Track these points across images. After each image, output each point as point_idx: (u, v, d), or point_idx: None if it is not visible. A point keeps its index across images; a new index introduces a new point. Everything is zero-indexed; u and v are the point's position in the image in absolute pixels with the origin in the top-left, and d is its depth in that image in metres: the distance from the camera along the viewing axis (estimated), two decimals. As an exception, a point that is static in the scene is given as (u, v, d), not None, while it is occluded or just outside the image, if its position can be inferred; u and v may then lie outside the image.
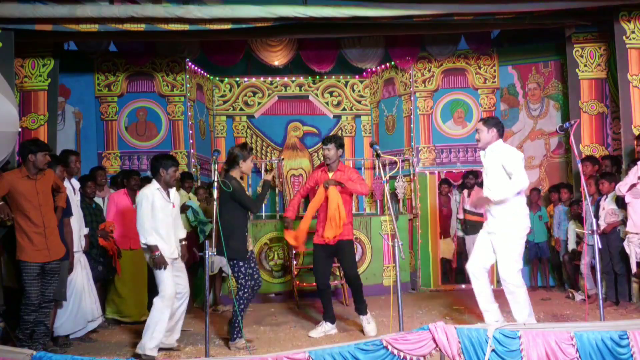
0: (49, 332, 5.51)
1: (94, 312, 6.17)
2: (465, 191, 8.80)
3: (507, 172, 5.33)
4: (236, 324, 5.46)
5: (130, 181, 7.00)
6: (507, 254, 5.38)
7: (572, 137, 5.38)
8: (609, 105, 8.06)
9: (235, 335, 5.49)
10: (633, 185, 6.43)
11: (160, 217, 5.34)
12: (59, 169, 5.72)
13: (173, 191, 5.54)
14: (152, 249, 5.27)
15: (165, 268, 5.30)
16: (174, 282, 5.40)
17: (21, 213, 5.22)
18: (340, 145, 6.09)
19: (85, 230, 6.22)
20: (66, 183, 5.89)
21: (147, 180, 6.21)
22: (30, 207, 5.22)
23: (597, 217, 6.83)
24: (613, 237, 6.83)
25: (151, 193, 5.35)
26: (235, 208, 5.52)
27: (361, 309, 6.10)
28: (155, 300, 5.34)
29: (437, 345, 3.56)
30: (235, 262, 5.51)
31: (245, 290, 5.53)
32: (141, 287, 6.94)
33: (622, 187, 6.56)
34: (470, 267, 5.62)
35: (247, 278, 5.54)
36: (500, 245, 5.41)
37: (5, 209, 5.19)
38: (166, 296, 5.30)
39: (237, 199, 5.48)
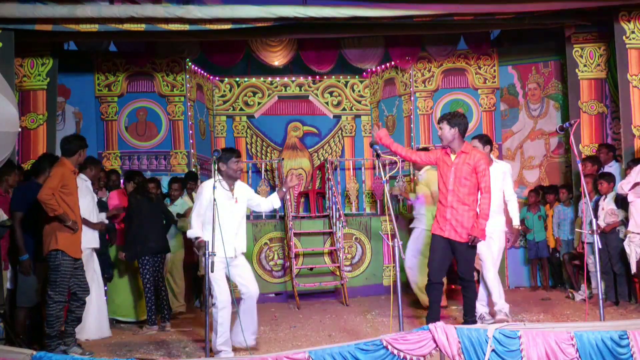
0: (79, 321, 5.45)
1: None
2: None
3: None
4: None
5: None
6: None
7: (572, 137, 5.39)
8: (609, 105, 8.05)
9: None
10: (637, 184, 6.35)
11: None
12: (95, 169, 5.91)
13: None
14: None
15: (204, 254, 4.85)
16: (227, 286, 5.08)
17: (67, 206, 5.11)
18: (455, 123, 5.23)
19: (103, 215, 6.25)
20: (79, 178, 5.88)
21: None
22: (73, 202, 5.18)
23: (596, 217, 6.81)
24: (612, 237, 6.82)
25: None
26: None
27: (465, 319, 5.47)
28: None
29: (437, 345, 3.57)
30: None
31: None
32: (140, 286, 6.93)
33: (624, 186, 6.44)
34: None
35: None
36: None
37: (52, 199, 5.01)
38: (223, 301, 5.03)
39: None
